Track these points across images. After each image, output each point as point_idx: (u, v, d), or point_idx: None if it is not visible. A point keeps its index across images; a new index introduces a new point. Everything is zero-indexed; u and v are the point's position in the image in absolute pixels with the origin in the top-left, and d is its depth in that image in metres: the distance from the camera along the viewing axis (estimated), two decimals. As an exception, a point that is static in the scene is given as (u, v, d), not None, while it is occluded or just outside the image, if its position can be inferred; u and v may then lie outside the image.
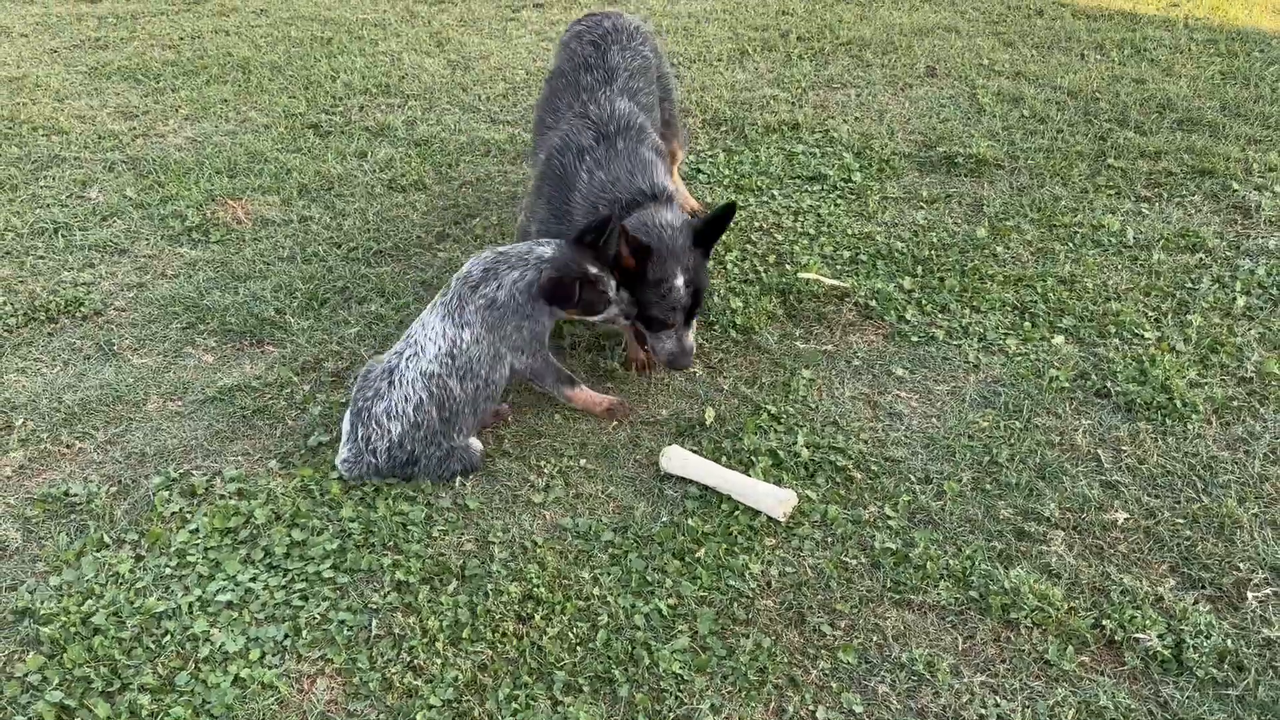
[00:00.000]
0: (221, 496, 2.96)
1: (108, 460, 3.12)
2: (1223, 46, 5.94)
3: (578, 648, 2.46)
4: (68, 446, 3.18)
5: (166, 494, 2.97)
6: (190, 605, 2.62)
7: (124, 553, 2.78)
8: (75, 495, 2.97)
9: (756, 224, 4.26)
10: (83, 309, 3.81)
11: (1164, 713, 2.27)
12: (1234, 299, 3.62)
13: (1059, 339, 3.46)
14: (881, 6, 6.96)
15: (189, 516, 2.89)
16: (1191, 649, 2.39)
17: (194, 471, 3.06)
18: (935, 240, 4.07)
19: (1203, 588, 2.56)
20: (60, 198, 4.61)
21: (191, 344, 3.64)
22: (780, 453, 3.03)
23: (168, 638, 2.53)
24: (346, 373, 3.45)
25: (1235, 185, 4.38)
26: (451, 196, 4.60)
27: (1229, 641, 2.41)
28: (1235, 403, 3.15)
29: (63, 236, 4.29)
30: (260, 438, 3.20)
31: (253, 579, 2.70)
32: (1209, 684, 2.33)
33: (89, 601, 2.62)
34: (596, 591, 2.62)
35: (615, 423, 3.21)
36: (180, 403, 3.36)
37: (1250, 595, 2.53)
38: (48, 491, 2.98)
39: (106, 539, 2.82)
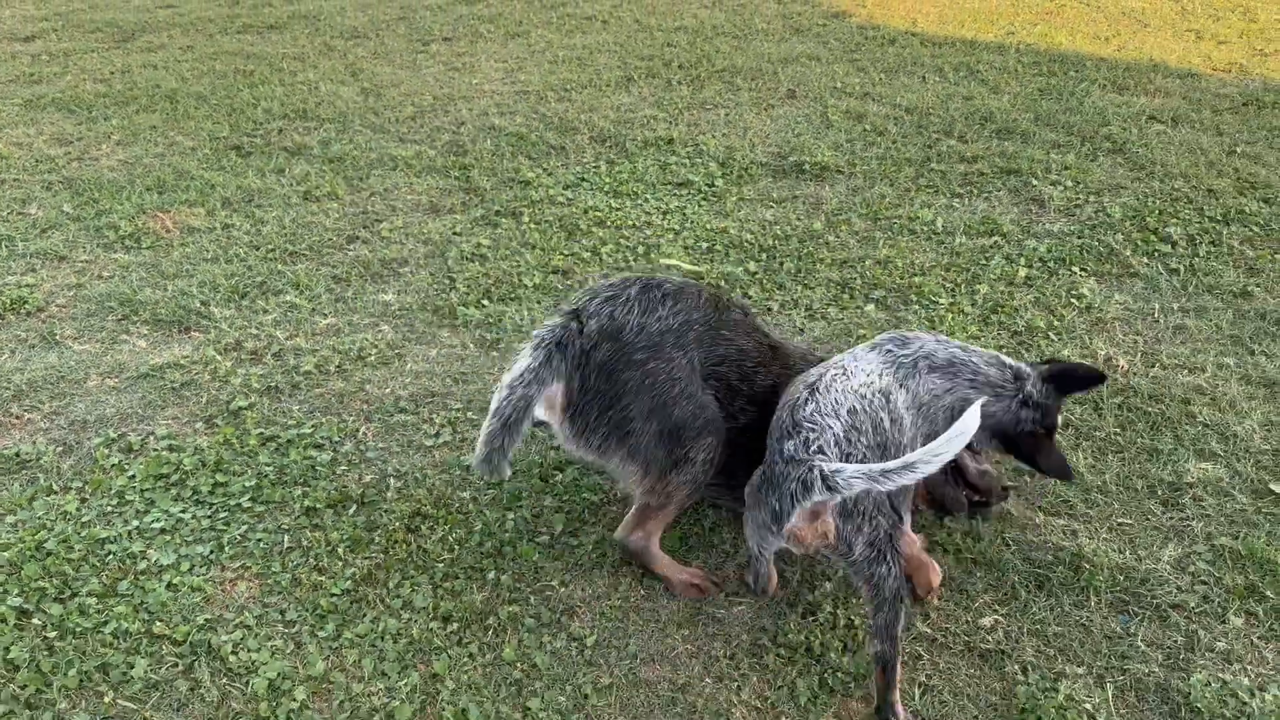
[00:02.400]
0: (154, 451, 3.46)
1: (54, 427, 3.61)
2: (1045, 67, 6.80)
3: (456, 547, 3.02)
4: (17, 418, 3.65)
5: (106, 450, 3.46)
6: (129, 532, 3.11)
7: (70, 496, 3.26)
8: (25, 454, 3.45)
9: (630, 222, 4.90)
10: (26, 306, 4.28)
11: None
12: (1018, 271, 4.35)
13: (870, 307, 4.13)
14: (755, 39, 7.73)
15: (126, 467, 3.39)
16: (941, 527, 3.03)
17: (130, 433, 3.56)
18: (779, 233, 4.75)
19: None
20: (2, 214, 5.08)
21: (126, 332, 4.14)
22: (633, 400, 3.63)
23: (110, 556, 3.02)
24: (263, 351, 3.99)
25: (1035, 182, 5.15)
26: (362, 205, 5.17)
27: (971, 520, 3.05)
28: (1005, 350, 3.84)
29: (5, 246, 4.76)
30: (188, 405, 3.71)
31: (182, 511, 3.20)
32: (950, 551, 2.96)
33: (41, 533, 3.10)
34: (474, 507, 3.18)
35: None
36: (117, 380, 3.86)
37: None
38: (1, 452, 3.46)
39: (54, 487, 3.31)
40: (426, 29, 8.28)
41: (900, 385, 2.60)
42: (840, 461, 2.33)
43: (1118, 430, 3.43)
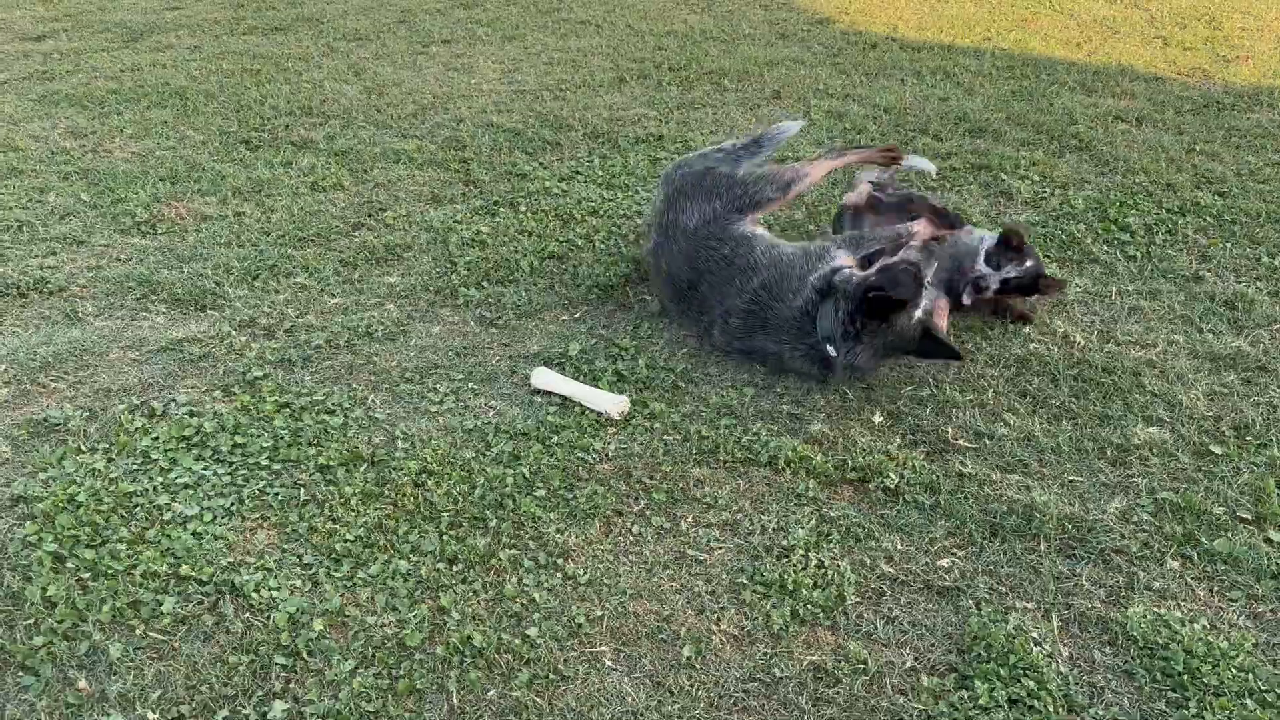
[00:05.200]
0: (176, 416, 3.70)
1: (79, 395, 3.85)
2: (1018, 71, 7.11)
3: (460, 499, 3.27)
4: (44, 386, 3.89)
5: (130, 415, 3.70)
6: (154, 487, 3.35)
7: (98, 456, 3.50)
8: (54, 419, 3.68)
9: (622, 211, 5.17)
10: (49, 286, 4.52)
11: (879, 520, 3.17)
12: (986, 257, 4.63)
13: (847, 288, 4.39)
14: (743, 43, 8.03)
15: (150, 430, 3.63)
16: (906, 483, 3.30)
17: (152, 400, 3.80)
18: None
19: (920, 445, 3.49)
20: (21, 202, 5.32)
21: (145, 310, 4.39)
22: (624, 372, 3.89)
23: (138, 509, 3.25)
24: (275, 327, 4.24)
25: (1004, 176, 5.44)
26: (366, 195, 5.43)
27: (934, 477, 3.32)
28: (974, 328, 4.12)
29: (26, 231, 5.00)
30: (206, 375, 3.95)
31: (204, 469, 3.44)
32: (913, 503, 3.23)
33: (72, 487, 3.33)
34: (477, 465, 3.43)
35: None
36: (138, 353, 4.10)
37: (953, 448, 3.45)
38: (30, 418, 3.69)
39: (82, 448, 3.54)
40: (426, 32, 8.55)
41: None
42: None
43: (1072, 399, 3.70)
